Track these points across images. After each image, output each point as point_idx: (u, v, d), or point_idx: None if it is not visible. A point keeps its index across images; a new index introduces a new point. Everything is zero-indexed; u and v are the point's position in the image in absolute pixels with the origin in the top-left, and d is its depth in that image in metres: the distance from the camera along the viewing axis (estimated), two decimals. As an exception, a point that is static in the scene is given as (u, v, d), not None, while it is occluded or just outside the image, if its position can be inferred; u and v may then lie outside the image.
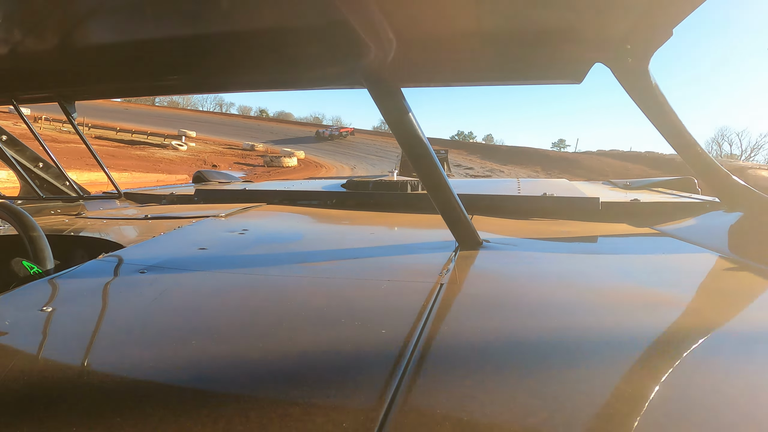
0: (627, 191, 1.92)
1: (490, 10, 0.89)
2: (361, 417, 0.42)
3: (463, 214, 1.07)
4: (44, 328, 0.63)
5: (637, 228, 1.39)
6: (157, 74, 1.25)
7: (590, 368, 0.51)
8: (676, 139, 1.13)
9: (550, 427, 0.41)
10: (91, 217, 1.63)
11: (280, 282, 0.84)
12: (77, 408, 0.45)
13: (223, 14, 0.94)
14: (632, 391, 0.46)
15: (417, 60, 1.06)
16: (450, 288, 0.77)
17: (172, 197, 2.08)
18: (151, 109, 46.48)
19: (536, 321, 0.66)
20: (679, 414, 0.42)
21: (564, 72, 1.04)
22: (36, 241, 0.91)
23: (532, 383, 0.47)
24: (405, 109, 1.03)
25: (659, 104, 1.07)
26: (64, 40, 1.08)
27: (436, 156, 1.05)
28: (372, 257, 1.04)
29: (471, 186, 2.53)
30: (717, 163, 1.20)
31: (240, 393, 0.47)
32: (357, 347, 0.56)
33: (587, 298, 0.77)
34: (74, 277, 0.85)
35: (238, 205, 1.70)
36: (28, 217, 0.94)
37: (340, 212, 1.70)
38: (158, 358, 0.55)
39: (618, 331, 0.63)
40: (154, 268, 0.89)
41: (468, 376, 0.49)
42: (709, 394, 0.46)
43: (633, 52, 0.99)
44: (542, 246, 1.19)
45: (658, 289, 0.80)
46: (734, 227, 1.20)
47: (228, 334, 0.61)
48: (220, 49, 1.09)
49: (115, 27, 1.03)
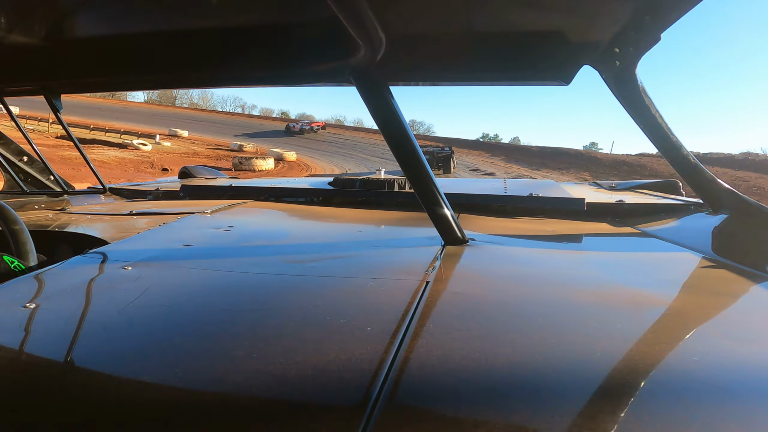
0: (612, 192, 1.94)
1: (479, 11, 0.90)
2: (346, 415, 0.42)
3: (449, 212, 1.07)
4: (27, 325, 0.62)
5: (621, 228, 1.40)
6: (145, 68, 1.24)
7: (575, 366, 0.52)
8: (662, 141, 1.14)
9: (535, 424, 0.41)
10: (75, 213, 1.60)
11: (265, 280, 0.84)
12: (61, 405, 0.44)
13: (212, 9, 0.94)
14: (616, 389, 0.47)
15: (406, 58, 1.06)
16: (435, 286, 0.78)
17: (157, 193, 2.06)
18: (152, 108, 44.95)
19: (521, 318, 0.67)
20: (662, 412, 0.43)
21: (552, 73, 1.05)
22: (18, 234, 0.90)
23: (517, 381, 0.48)
24: (393, 107, 1.03)
25: (646, 107, 1.08)
26: (51, 32, 1.07)
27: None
28: (358, 255, 1.04)
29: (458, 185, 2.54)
30: (702, 165, 1.22)
31: (224, 392, 0.46)
32: (342, 346, 0.56)
33: (571, 296, 0.78)
34: (58, 273, 0.84)
35: (224, 202, 1.69)
36: (9, 209, 0.93)
37: (326, 210, 1.70)
38: (143, 355, 0.54)
39: (602, 329, 0.63)
40: (138, 264, 0.88)
41: (453, 373, 0.49)
42: (691, 392, 0.47)
43: (621, 56, 1.00)
44: (527, 244, 1.20)
45: (641, 289, 0.81)
46: (718, 229, 1.22)
47: (213, 331, 0.61)
48: (208, 44, 1.09)
49: (103, 20, 1.02)
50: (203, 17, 0.97)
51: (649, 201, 1.67)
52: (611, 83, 1.06)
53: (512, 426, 0.41)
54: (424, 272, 0.85)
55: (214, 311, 0.69)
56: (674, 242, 1.18)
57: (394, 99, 1.04)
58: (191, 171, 2.65)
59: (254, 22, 0.98)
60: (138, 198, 2.03)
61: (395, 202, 1.81)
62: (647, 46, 0.96)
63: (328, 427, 0.41)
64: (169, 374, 0.50)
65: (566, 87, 1.07)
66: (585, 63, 1.03)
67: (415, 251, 1.05)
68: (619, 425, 0.41)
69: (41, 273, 0.83)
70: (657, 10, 0.87)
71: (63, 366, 0.52)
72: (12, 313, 0.65)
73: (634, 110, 1.10)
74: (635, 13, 0.88)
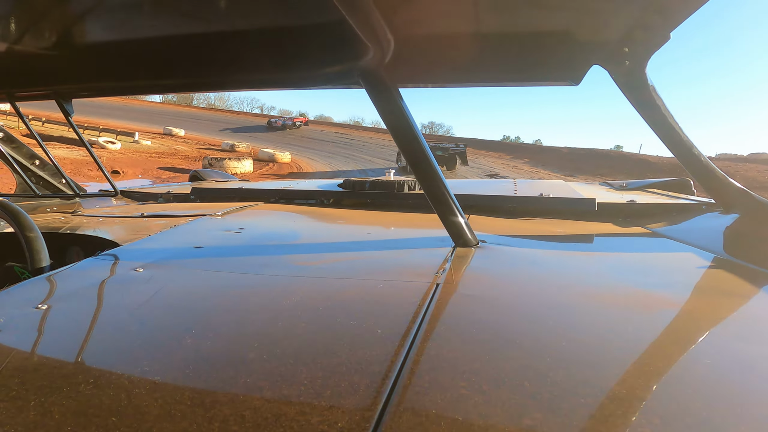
0: (623, 192, 1.92)
1: (488, 11, 0.90)
2: (356, 417, 0.42)
3: (459, 214, 1.07)
4: (39, 326, 0.63)
5: (632, 229, 1.39)
6: (155, 73, 1.25)
7: (585, 369, 0.51)
8: (672, 141, 1.13)
9: (545, 428, 0.41)
10: (87, 215, 1.62)
11: (276, 281, 0.84)
12: (72, 406, 0.44)
13: (221, 13, 0.94)
14: (627, 392, 0.46)
15: (415, 60, 1.06)
16: (446, 288, 0.78)
17: (168, 195, 2.08)
18: (164, 107, 43.26)
19: (532, 321, 0.67)
20: (673, 415, 0.42)
21: (562, 73, 1.05)
22: (33, 242, 0.91)
23: (527, 384, 0.48)
24: (402, 108, 1.03)
25: (656, 106, 1.07)
26: (62, 38, 1.08)
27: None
28: (368, 257, 1.04)
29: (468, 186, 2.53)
30: (713, 165, 1.21)
31: (235, 393, 0.46)
32: (353, 347, 0.56)
33: (583, 298, 0.77)
34: (70, 275, 0.84)
35: (235, 204, 1.70)
36: (26, 216, 0.94)
37: (336, 212, 1.70)
38: (154, 356, 0.55)
39: (613, 331, 0.63)
40: (150, 266, 0.89)
41: (463, 376, 0.49)
42: (702, 395, 0.46)
43: (630, 55, 0.99)
44: (538, 246, 1.19)
45: (653, 290, 0.81)
46: (730, 229, 1.21)
47: (223, 333, 0.61)
48: (218, 48, 1.09)
49: (113, 25, 1.03)
50: (212, 21, 0.98)
51: (660, 201, 1.65)
52: (621, 83, 1.05)
53: (523, 429, 0.41)
54: (434, 274, 0.85)
55: (225, 312, 0.69)
56: (686, 242, 1.17)
57: (403, 101, 1.04)
58: (202, 174, 2.67)
59: (262, 25, 0.99)
60: (149, 201, 2.05)
61: (405, 203, 1.80)
62: (656, 45, 0.95)
63: (338, 428, 0.41)
64: (180, 375, 0.50)
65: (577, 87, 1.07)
66: (594, 63, 1.02)
67: (425, 253, 1.05)
68: (630, 429, 0.41)
69: (53, 275, 0.84)
70: (665, 8, 0.87)
71: (75, 366, 0.53)
72: (25, 314, 0.66)
73: (644, 110, 1.09)
74: (643, 12, 0.87)
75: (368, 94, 1.05)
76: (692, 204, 1.54)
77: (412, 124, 1.04)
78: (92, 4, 0.94)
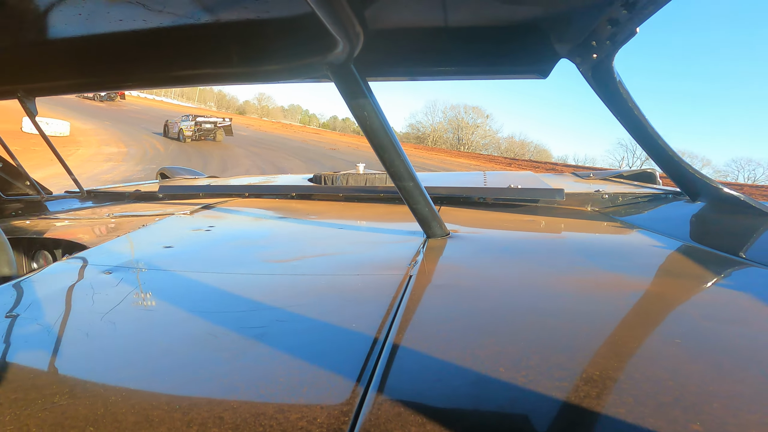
0: (590, 182, 1.96)
1: (456, 4, 0.90)
2: (335, 412, 0.42)
3: (430, 206, 1.08)
4: (7, 337, 0.61)
5: (600, 217, 1.42)
6: (121, 69, 1.21)
7: (559, 353, 0.52)
8: (639, 133, 1.16)
9: (521, 412, 0.42)
10: (54, 218, 1.57)
11: (248, 280, 0.83)
12: (48, 418, 0.43)
13: (186, 6, 0.92)
14: (600, 374, 0.47)
15: (384, 53, 1.06)
16: (419, 279, 0.78)
17: (136, 194, 2.03)
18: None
19: (504, 308, 0.68)
20: (646, 394, 0.44)
21: (529, 67, 1.06)
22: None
23: (502, 370, 0.48)
24: (372, 102, 1.02)
25: (623, 100, 1.10)
26: (24, 33, 1.04)
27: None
28: (341, 252, 1.03)
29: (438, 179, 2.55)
30: (679, 156, 1.24)
31: (212, 394, 0.46)
32: (328, 343, 0.56)
33: (553, 284, 0.79)
34: (38, 281, 0.82)
35: (203, 201, 1.67)
36: None
37: (307, 206, 1.69)
38: (128, 362, 0.54)
39: (585, 315, 0.64)
40: (119, 268, 0.87)
41: (439, 366, 0.50)
42: (674, 374, 0.48)
43: (598, 49, 1.01)
44: (508, 235, 1.21)
45: (622, 275, 0.83)
46: (696, 217, 1.25)
47: (197, 334, 0.60)
48: (184, 42, 1.07)
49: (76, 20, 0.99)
50: (177, 15, 0.96)
51: (627, 190, 1.69)
52: (588, 76, 1.07)
53: (499, 414, 0.41)
54: (407, 266, 0.85)
55: (198, 313, 0.68)
56: (653, 230, 1.20)
57: (372, 93, 1.04)
58: (169, 172, 2.62)
59: (231, 18, 0.97)
60: (116, 200, 2.00)
61: (376, 197, 1.81)
62: (623, 40, 0.97)
63: (317, 424, 0.41)
64: (156, 379, 0.49)
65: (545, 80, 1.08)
66: (562, 56, 1.03)
67: (397, 246, 1.05)
68: (605, 409, 0.42)
69: (20, 282, 0.81)
70: (632, 3, 0.88)
71: (48, 377, 0.51)
72: None
73: (611, 103, 1.11)
74: (611, 6, 0.89)
75: (337, 88, 1.04)
76: (658, 193, 1.59)
77: (381, 119, 1.03)
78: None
